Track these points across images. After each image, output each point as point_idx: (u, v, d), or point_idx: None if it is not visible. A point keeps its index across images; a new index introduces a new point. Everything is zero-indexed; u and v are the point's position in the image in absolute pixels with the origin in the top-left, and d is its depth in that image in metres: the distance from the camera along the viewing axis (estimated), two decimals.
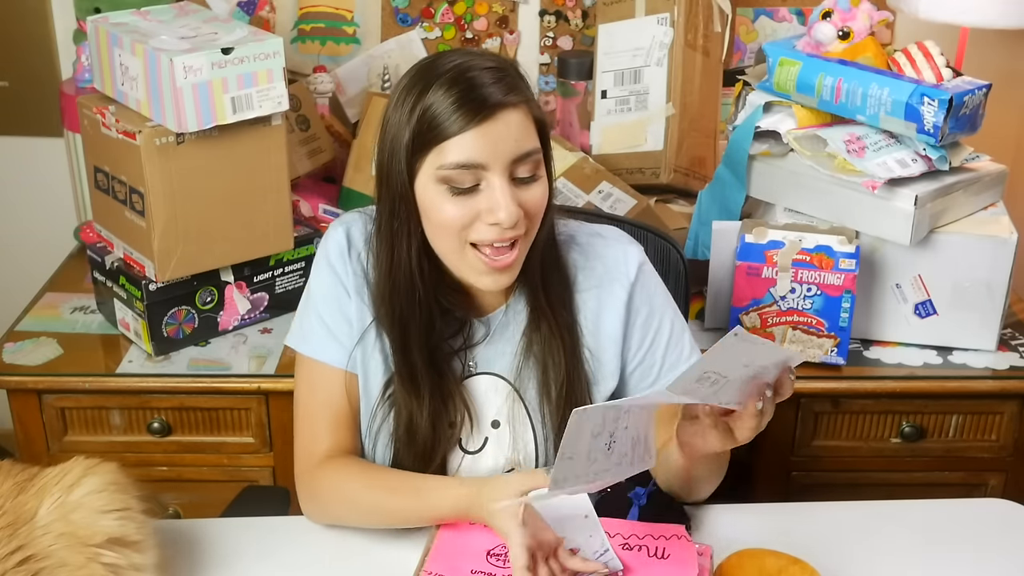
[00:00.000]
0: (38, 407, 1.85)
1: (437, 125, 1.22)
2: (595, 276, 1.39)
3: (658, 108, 2.14)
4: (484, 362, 1.39)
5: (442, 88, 1.22)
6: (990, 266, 1.83)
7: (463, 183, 1.23)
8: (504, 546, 1.24)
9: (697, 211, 1.99)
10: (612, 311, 1.39)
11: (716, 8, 2.18)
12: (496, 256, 1.27)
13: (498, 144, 1.22)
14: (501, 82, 1.23)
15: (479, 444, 1.39)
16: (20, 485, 1.17)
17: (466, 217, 1.24)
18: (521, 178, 1.25)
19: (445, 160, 1.22)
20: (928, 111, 1.70)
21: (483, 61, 1.25)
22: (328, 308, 1.38)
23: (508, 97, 1.22)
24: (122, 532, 1.17)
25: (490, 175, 1.23)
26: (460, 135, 1.21)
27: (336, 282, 1.37)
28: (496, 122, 1.22)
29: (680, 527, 1.29)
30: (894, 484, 1.92)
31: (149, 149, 1.72)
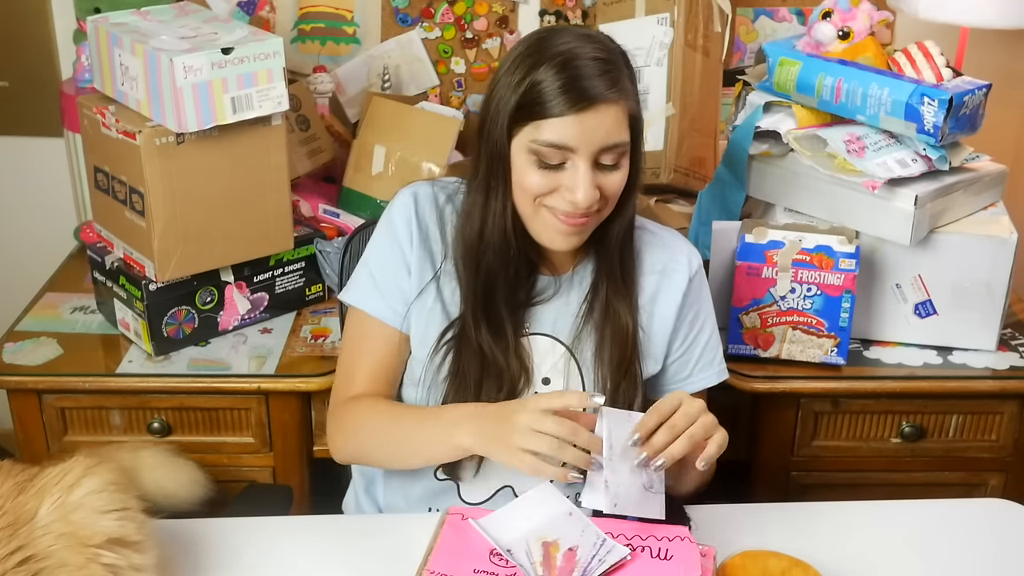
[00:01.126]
0: (38, 407, 1.85)
1: (540, 103, 1.31)
2: (660, 262, 1.49)
3: (658, 108, 2.14)
4: (542, 322, 1.46)
5: (552, 69, 1.30)
6: (990, 266, 1.83)
7: (551, 159, 1.33)
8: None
9: (697, 211, 1.99)
10: (670, 298, 1.49)
11: (716, 8, 2.18)
12: (568, 219, 1.35)
13: (590, 134, 1.31)
14: (606, 75, 1.31)
15: None
16: (20, 485, 1.17)
17: (547, 187, 1.34)
18: (604, 165, 1.34)
19: (540, 136, 1.32)
20: (928, 111, 1.70)
21: (594, 49, 1.33)
22: (382, 269, 1.47)
23: (609, 92, 1.31)
24: (122, 532, 1.17)
25: (577, 158, 1.32)
26: (559, 118, 1.30)
27: (395, 246, 1.46)
28: (593, 114, 1.30)
29: (683, 528, 1.29)
30: (894, 484, 1.92)
31: (149, 149, 1.72)
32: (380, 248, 1.49)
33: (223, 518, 1.44)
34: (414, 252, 1.46)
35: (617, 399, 1.44)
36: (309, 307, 2.03)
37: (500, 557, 1.25)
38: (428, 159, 2.05)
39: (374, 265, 1.49)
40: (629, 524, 1.29)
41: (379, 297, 1.47)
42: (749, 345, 1.85)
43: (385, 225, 1.49)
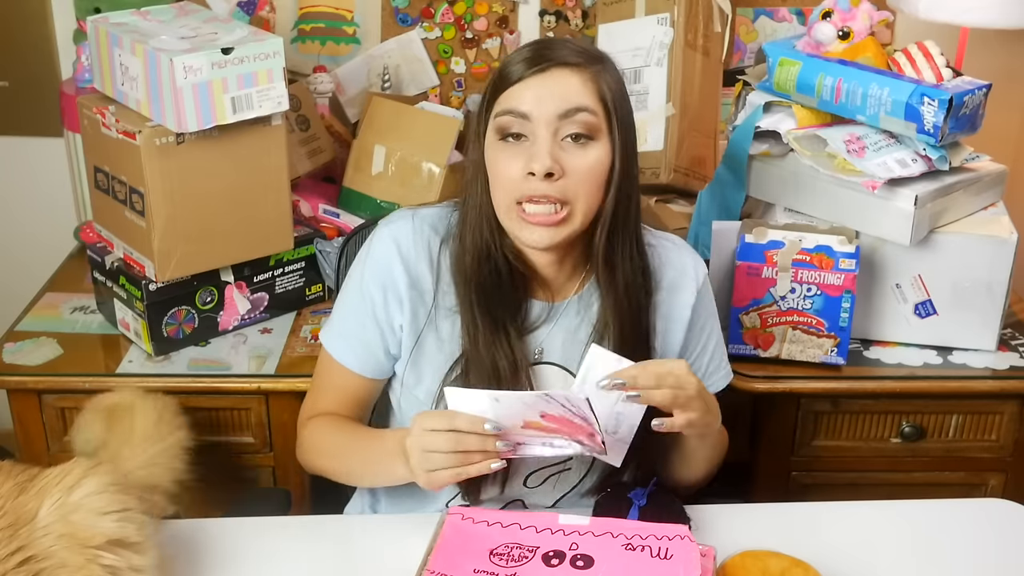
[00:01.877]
0: (38, 407, 1.85)
1: (504, 76, 1.31)
2: (667, 278, 1.44)
3: (658, 108, 2.14)
4: (551, 351, 1.42)
5: (519, 49, 1.32)
6: (990, 266, 1.83)
7: (511, 128, 1.29)
8: (506, 545, 1.26)
9: (697, 211, 1.99)
10: (680, 314, 1.45)
11: (716, 8, 2.18)
12: (533, 208, 1.30)
13: (545, 98, 1.28)
14: (572, 49, 1.30)
15: None
16: (21, 486, 1.17)
17: (513, 171, 1.29)
18: (571, 136, 1.29)
19: (501, 107, 1.30)
20: (928, 111, 1.70)
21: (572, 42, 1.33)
22: (350, 309, 1.45)
23: (570, 57, 1.29)
24: (122, 534, 1.17)
25: (535, 127, 1.29)
26: (516, 84, 1.29)
27: (364, 291, 1.42)
28: (548, 76, 1.28)
29: (683, 527, 1.28)
30: (894, 484, 1.92)
31: (149, 149, 1.72)
32: (351, 302, 1.44)
33: (223, 518, 1.44)
34: (403, 303, 1.40)
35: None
36: (309, 307, 2.03)
37: (500, 556, 1.25)
38: (428, 159, 2.05)
39: (345, 312, 1.45)
40: (629, 524, 1.29)
41: (347, 348, 1.45)
42: (749, 345, 1.85)
43: (358, 278, 1.43)
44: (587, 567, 1.23)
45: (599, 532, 1.28)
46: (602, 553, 1.25)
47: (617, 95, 1.32)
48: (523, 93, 1.28)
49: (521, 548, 1.26)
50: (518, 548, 1.26)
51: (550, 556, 1.25)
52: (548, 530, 1.29)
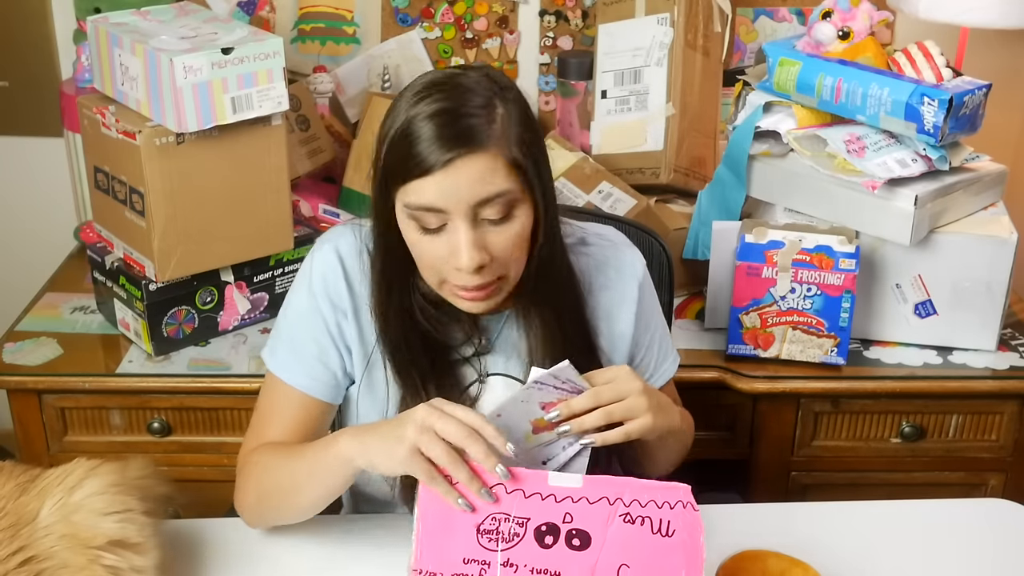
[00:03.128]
0: (38, 407, 1.85)
1: (405, 160, 1.21)
2: (608, 278, 1.42)
3: (658, 108, 2.14)
4: (495, 363, 1.39)
5: (414, 124, 1.20)
6: (990, 266, 1.83)
7: (429, 224, 1.22)
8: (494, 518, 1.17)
9: (697, 211, 1.99)
10: (625, 311, 1.42)
11: (716, 8, 2.18)
12: (467, 292, 1.26)
13: (451, 193, 1.19)
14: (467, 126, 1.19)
15: None
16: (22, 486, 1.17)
17: (437, 257, 1.24)
18: (491, 220, 1.22)
19: (408, 200, 1.22)
20: (928, 111, 1.70)
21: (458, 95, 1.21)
22: (299, 327, 1.37)
23: (475, 142, 1.19)
24: (123, 535, 1.17)
25: (453, 218, 1.21)
26: (421, 179, 1.20)
27: (316, 315, 1.35)
28: (458, 168, 1.19)
29: (686, 488, 1.20)
30: (894, 484, 1.92)
31: (149, 149, 1.72)
32: (299, 316, 1.36)
33: (223, 518, 1.44)
34: (350, 321, 1.34)
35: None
36: None
37: (488, 535, 1.17)
38: None
39: (295, 333, 1.37)
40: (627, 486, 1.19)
41: (298, 367, 1.36)
42: (749, 345, 1.85)
43: (305, 291, 1.36)
44: (583, 547, 1.17)
45: (594, 498, 1.18)
46: (599, 529, 1.17)
47: (525, 144, 1.23)
48: (431, 189, 1.19)
49: (510, 520, 1.17)
50: (506, 520, 1.17)
51: (543, 532, 1.17)
52: (538, 495, 1.18)
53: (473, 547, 1.17)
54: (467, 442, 1.14)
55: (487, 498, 1.16)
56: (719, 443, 1.92)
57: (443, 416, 1.15)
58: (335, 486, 1.27)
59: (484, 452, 1.15)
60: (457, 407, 1.17)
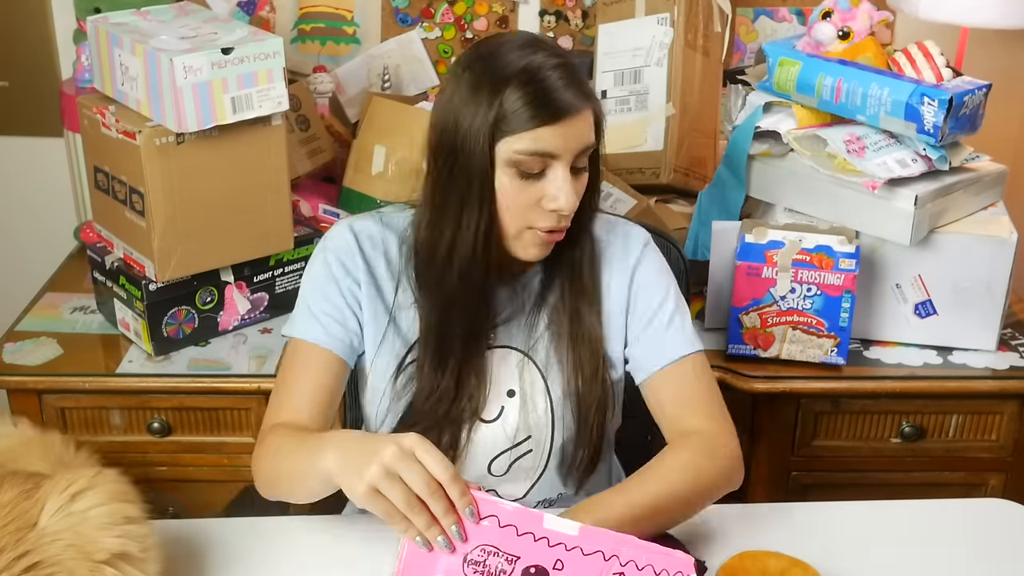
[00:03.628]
0: (38, 407, 1.85)
1: (517, 118, 1.29)
2: (604, 255, 1.46)
3: (658, 108, 2.14)
4: (500, 334, 1.44)
5: (520, 86, 1.29)
6: (990, 266, 1.83)
7: (532, 168, 1.31)
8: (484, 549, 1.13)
9: (697, 211, 1.99)
10: (619, 286, 1.46)
11: (716, 8, 2.18)
12: (550, 236, 1.36)
13: (569, 140, 1.31)
14: (572, 84, 1.31)
15: (495, 413, 1.43)
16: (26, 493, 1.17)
17: (529, 201, 1.33)
18: (578, 168, 1.34)
19: (521, 147, 1.30)
20: (928, 111, 1.70)
21: (552, 57, 1.31)
22: (317, 301, 1.42)
23: (580, 101, 1.31)
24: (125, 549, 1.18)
25: (556, 164, 1.31)
26: (539, 129, 1.29)
27: (330, 282, 1.41)
28: (570, 122, 1.30)
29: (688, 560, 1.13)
30: (894, 484, 1.92)
31: (149, 149, 1.72)
32: (316, 283, 1.42)
33: (223, 518, 1.44)
34: (363, 291, 1.41)
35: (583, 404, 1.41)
36: None
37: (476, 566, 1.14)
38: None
39: (311, 299, 1.42)
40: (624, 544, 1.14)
41: (316, 324, 1.40)
42: (749, 345, 1.85)
43: (320, 262, 1.43)
44: None
45: (588, 550, 1.13)
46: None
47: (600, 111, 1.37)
48: (548, 138, 1.30)
49: (499, 556, 1.13)
50: (496, 555, 1.13)
51: (531, 574, 1.13)
52: (531, 535, 1.13)
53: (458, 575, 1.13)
54: (430, 499, 1.11)
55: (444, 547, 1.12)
56: None
57: (412, 464, 1.11)
58: (316, 488, 1.25)
59: (444, 510, 1.12)
60: (432, 454, 1.12)
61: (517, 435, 1.43)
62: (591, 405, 1.42)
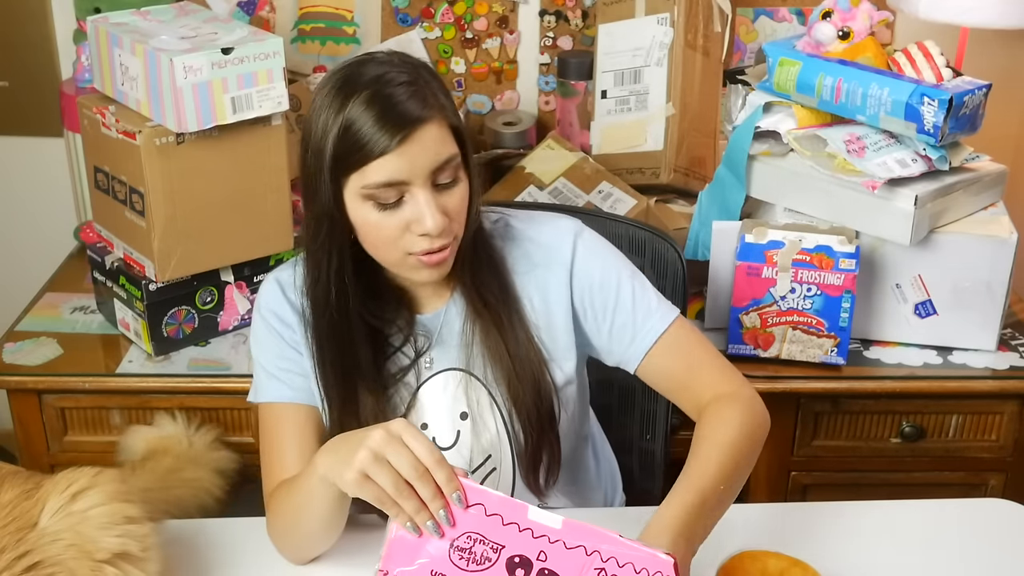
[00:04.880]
0: (38, 407, 1.85)
1: (359, 147, 1.24)
2: (533, 258, 1.41)
3: (658, 108, 2.14)
4: (437, 360, 1.41)
5: (360, 107, 1.24)
6: (990, 266, 1.83)
7: (387, 199, 1.26)
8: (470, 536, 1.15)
9: (697, 211, 1.99)
10: (557, 287, 1.41)
11: (716, 8, 2.18)
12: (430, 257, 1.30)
13: (417, 159, 1.25)
14: (414, 97, 1.25)
15: (452, 439, 1.41)
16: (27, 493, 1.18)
17: (396, 230, 1.28)
18: (442, 184, 1.28)
19: (368, 180, 1.25)
20: (928, 111, 1.70)
21: (396, 74, 1.26)
22: (265, 353, 1.41)
23: (423, 112, 1.25)
24: (125, 549, 1.18)
25: (413, 188, 1.26)
26: (380, 157, 1.24)
27: (272, 334, 1.40)
28: (413, 140, 1.24)
29: (668, 562, 1.13)
30: (894, 484, 1.92)
31: (149, 149, 1.72)
32: (263, 344, 1.41)
33: (223, 518, 1.44)
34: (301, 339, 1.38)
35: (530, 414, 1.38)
36: None
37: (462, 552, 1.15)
38: None
39: (263, 359, 1.41)
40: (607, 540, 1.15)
41: (278, 384, 1.39)
42: (749, 345, 1.85)
43: (259, 322, 1.41)
44: None
45: (571, 544, 1.15)
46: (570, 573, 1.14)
47: (457, 120, 1.30)
48: (393, 164, 1.24)
49: (485, 544, 1.15)
50: (482, 543, 1.15)
51: (515, 563, 1.14)
52: (516, 525, 1.15)
53: (443, 561, 1.15)
54: (418, 482, 1.12)
55: (433, 532, 1.14)
56: None
57: (399, 448, 1.13)
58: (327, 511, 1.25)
59: (432, 494, 1.13)
60: (419, 439, 1.14)
61: (474, 459, 1.41)
62: (539, 412, 1.39)
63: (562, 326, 1.41)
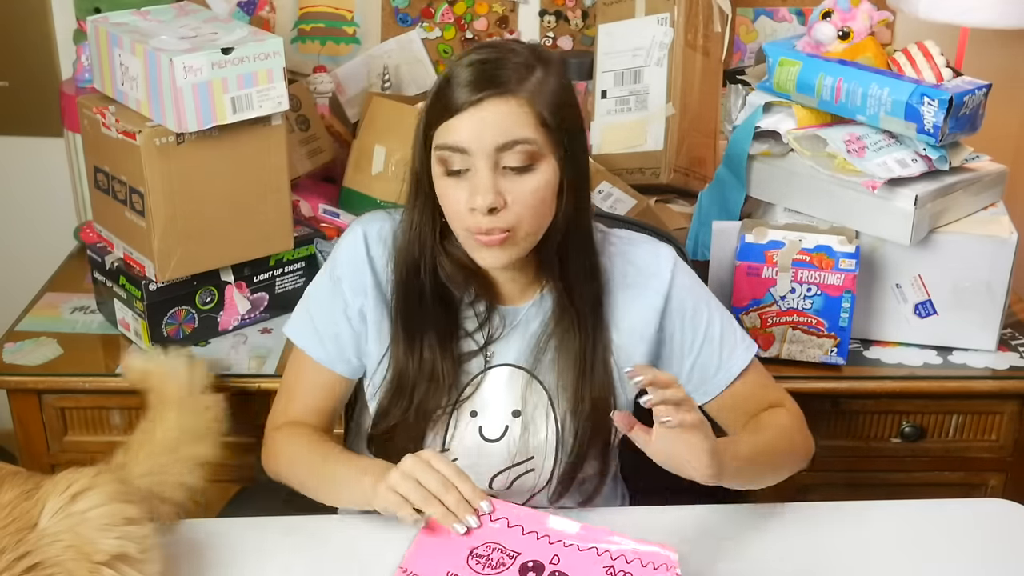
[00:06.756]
0: (38, 407, 1.85)
1: (442, 100, 1.28)
2: (627, 278, 1.42)
3: (658, 108, 2.14)
4: (505, 354, 1.42)
5: (463, 65, 1.28)
6: (990, 266, 1.83)
7: (453, 164, 1.28)
8: (489, 545, 1.23)
9: (697, 211, 1.99)
10: (645, 312, 1.41)
11: (716, 8, 2.18)
12: (483, 237, 1.30)
13: (485, 131, 1.26)
14: (509, 71, 1.27)
15: (499, 432, 1.42)
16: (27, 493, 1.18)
17: (458, 201, 1.29)
18: (512, 167, 1.28)
19: (440, 140, 1.29)
20: (928, 111, 1.70)
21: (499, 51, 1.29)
22: (321, 313, 1.44)
23: (509, 86, 1.26)
24: (124, 551, 1.18)
25: (475, 160, 1.27)
26: (453, 117, 1.27)
27: (336, 295, 1.42)
28: (486, 108, 1.26)
29: (671, 556, 1.21)
30: (894, 484, 1.92)
31: (149, 149, 1.72)
32: (321, 292, 1.45)
33: (223, 518, 1.45)
34: (369, 302, 1.41)
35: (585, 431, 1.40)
36: None
37: (479, 559, 1.22)
38: None
39: (314, 308, 1.45)
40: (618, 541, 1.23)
41: (317, 340, 1.45)
42: None
43: (329, 268, 1.44)
44: None
45: (584, 546, 1.23)
46: (580, 574, 1.20)
47: (559, 107, 1.29)
48: (460, 127, 1.26)
49: (503, 552, 1.23)
50: (499, 551, 1.23)
51: (528, 567, 1.21)
52: (534, 533, 1.24)
53: (460, 564, 1.21)
54: (443, 493, 1.23)
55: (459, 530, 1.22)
56: None
57: (428, 469, 1.24)
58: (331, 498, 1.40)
59: (456, 502, 1.23)
60: (445, 462, 1.25)
61: (517, 456, 1.42)
62: (595, 432, 1.40)
63: (640, 351, 1.42)
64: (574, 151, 1.32)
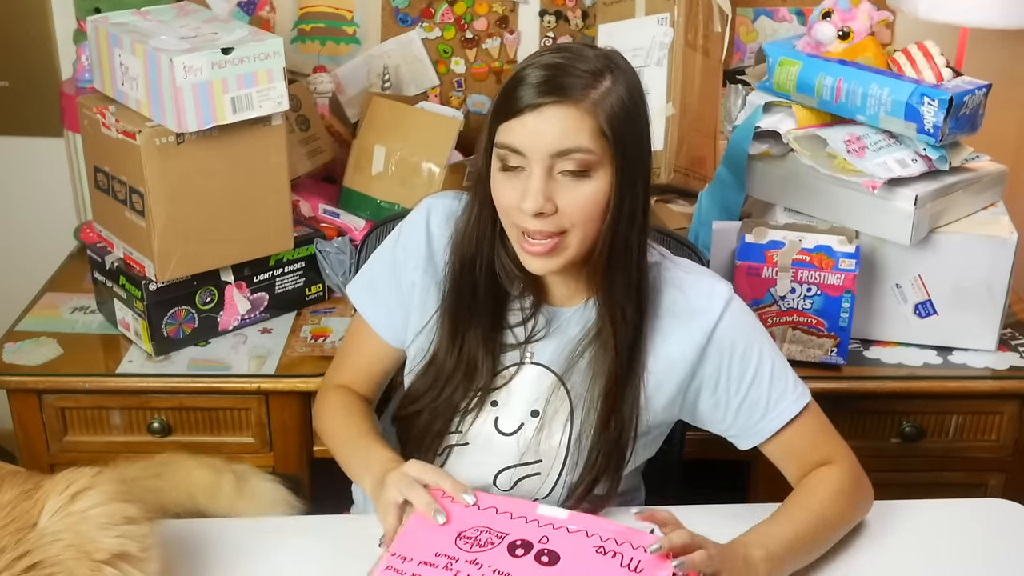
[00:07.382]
0: (38, 407, 1.85)
1: (508, 98, 1.29)
2: (674, 307, 1.39)
3: (658, 108, 2.14)
4: (539, 353, 1.42)
5: (535, 66, 1.28)
6: (990, 266, 1.83)
7: (508, 161, 1.30)
8: (477, 528, 1.25)
9: (697, 211, 1.99)
10: (684, 344, 1.38)
11: (716, 8, 2.18)
12: (528, 243, 1.31)
13: (544, 135, 1.26)
14: (576, 78, 1.26)
15: (513, 427, 1.42)
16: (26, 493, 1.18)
17: (510, 199, 1.30)
18: (567, 172, 1.28)
19: (500, 138, 1.30)
20: (928, 111, 1.70)
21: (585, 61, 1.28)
22: (379, 280, 1.49)
23: (573, 93, 1.26)
24: (124, 549, 1.18)
25: (530, 163, 1.28)
26: (515, 118, 1.28)
27: (395, 266, 1.47)
28: (547, 113, 1.26)
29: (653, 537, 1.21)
30: (894, 484, 1.92)
31: (149, 149, 1.72)
32: (382, 260, 1.50)
33: (223, 518, 1.44)
34: (419, 274, 1.44)
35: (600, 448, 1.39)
36: (309, 307, 2.03)
37: (467, 540, 1.23)
38: (428, 159, 2.05)
39: (375, 273, 1.51)
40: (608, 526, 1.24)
41: (372, 304, 1.50)
42: None
43: (393, 238, 1.49)
44: (551, 564, 1.20)
45: (574, 528, 1.24)
46: (570, 552, 1.21)
47: (621, 118, 1.28)
48: (520, 129, 1.27)
49: (491, 533, 1.24)
50: (487, 533, 1.24)
51: (516, 545, 1.22)
52: (523, 518, 1.26)
53: (448, 546, 1.23)
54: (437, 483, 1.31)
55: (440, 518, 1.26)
56: (719, 443, 1.91)
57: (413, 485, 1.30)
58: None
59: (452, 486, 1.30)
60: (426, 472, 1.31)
61: (526, 455, 1.42)
62: (610, 450, 1.39)
63: (672, 382, 1.40)
64: (631, 164, 1.30)
